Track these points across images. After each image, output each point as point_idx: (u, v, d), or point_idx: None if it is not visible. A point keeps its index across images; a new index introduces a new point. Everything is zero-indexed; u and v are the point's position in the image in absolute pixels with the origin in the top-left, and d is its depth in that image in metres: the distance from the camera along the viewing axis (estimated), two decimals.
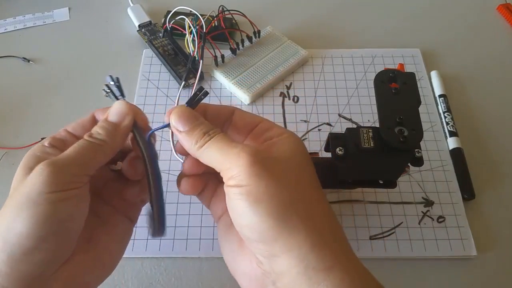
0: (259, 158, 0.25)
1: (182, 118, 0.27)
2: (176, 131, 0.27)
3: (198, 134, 0.26)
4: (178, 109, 0.27)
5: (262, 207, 0.24)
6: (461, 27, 0.59)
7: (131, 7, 0.58)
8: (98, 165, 0.27)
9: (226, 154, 0.25)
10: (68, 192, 0.24)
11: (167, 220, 0.31)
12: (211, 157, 0.26)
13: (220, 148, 0.26)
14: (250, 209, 0.24)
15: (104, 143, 0.27)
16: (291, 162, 0.26)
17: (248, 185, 0.24)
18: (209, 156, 0.26)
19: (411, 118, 0.31)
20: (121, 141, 0.28)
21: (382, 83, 0.33)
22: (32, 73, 0.53)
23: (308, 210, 0.25)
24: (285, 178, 0.25)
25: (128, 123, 0.28)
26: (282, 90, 0.51)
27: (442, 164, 0.45)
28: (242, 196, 0.24)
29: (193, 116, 0.27)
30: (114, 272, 0.39)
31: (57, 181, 0.24)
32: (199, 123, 0.27)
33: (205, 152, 0.26)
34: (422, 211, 0.42)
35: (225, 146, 0.25)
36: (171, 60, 0.52)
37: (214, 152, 0.26)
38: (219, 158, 0.25)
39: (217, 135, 0.26)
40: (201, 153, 0.26)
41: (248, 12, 0.53)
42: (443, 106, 0.49)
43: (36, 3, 0.61)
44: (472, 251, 0.40)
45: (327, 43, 0.56)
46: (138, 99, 0.50)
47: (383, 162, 0.33)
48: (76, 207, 0.25)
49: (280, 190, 0.24)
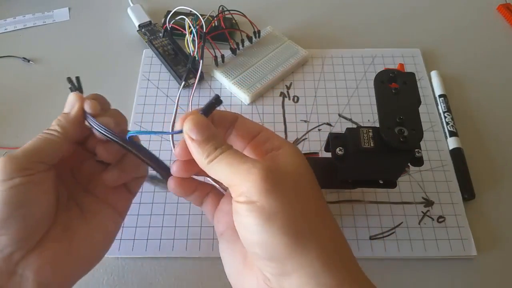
0: (270, 174, 0.24)
1: (197, 127, 0.26)
2: (188, 138, 0.26)
3: (210, 148, 0.26)
4: (194, 117, 0.26)
5: (275, 224, 0.23)
6: (461, 27, 0.59)
7: (131, 7, 0.58)
8: (56, 153, 0.28)
9: (236, 170, 0.25)
10: (21, 179, 0.26)
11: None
12: (220, 172, 0.26)
13: (230, 164, 0.25)
14: (262, 227, 0.23)
15: (57, 132, 0.29)
16: (297, 176, 0.26)
17: (259, 202, 0.24)
18: (218, 171, 0.26)
19: (411, 118, 0.31)
20: (73, 128, 0.29)
21: (382, 83, 0.33)
22: (32, 73, 0.53)
23: (319, 227, 0.25)
24: (296, 194, 0.25)
25: (76, 111, 0.30)
26: (282, 90, 0.51)
27: (442, 164, 0.45)
28: (253, 213, 0.24)
29: (207, 126, 0.26)
30: (115, 272, 0.39)
31: (9, 169, 0.26)
32: (212, 135, 0.26)
33: (214, 166, 0.26)
34: (422, 211, 0.42)
35: (235, 161, 0.25)
36: (171, 60, 0.52)
37: (224, 167, 0.25)
38: (229, 174, 0.25)
39: (228, 150, 0.26)
40: (210, 167, 0.26)
41: (248, 12, 0.53)
42: (443, 106, 0.49)
43: (36, 3, 0.61)
44: (472, 251, 0.40)
45: (327, 43, 0.56)
46: (138, 99, 0.50)
47: (383, 162, 0.33)
48: (31, 192, 0.26)
49: (292, 206, 0.24)
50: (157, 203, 0.42)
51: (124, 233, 0.40)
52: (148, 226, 0.41)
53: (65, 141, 0.29)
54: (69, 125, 0.29)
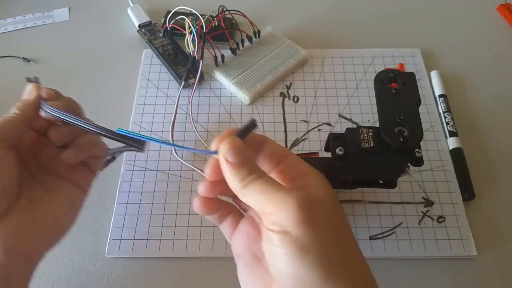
0: (306, 205, 0.24)
1: (234, 149, 0.26)
2: (224, 160, 0.26)
3: (245, 172, 0.26)
4: (231, 140, 0.26)
5: (310, 257, 0.23)
6: (461, 27, 0.59)
7: (131, 7, 0.59)
8: (14, 132, 0.32)
9: (270, 197, 0.25)
10: None
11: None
12: (253, 198, 0.26)
13: (264, 190, 0.25)
14: (296, 258, 0.23)
15: (15, 114, 0.32)
16: (330, 207, 0.26)
17: (294, 232, 0.23)
18: (251, 197, 0.26)
19: (411, 118, 0.31)
20: (30, 110, 0.32)
21: (382, 83, 0.33)
22: (32, 73, 0.53)
23: (350, 262, 0.25)
24: (330, 226, 0.25)
25: (33, 97, 0.33)
26: (282, 90, 0.51)
27: (442, 164, 0.45)
28: (288, 243, 0.23)
29: (244, 150, 0.26)
30: (115, 272, 0.39)
31: None
32: (247, 159, 0.26)
33: (248, 191, 0.26)
34: (422, 211, 0.42)
35: (269, 188, 0.25)
36: (171, 60, 0.52)
37: (257, 193, 0.25)
38: (262, 200, 0.25)
39: (262, 176, 0.26)
40: (244, 191, 0.26)
41: (248, 12, 0.53)
42: (443, 106, 0.49)
43: (36, 3, 0.61)
44: (472, 251, 0.40)
45: (327, 43, 0.56)
46: (138, 99, 0.50)
47: (383, 162, 0.33)
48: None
49: (327, 239, 0.24)
50: (157, 203, 0.42)
51: (124, 233, 0.40)
52: (148, 226, 0.41)
53: (23, 122, 0.32)
54: (26, 108, 0.32)
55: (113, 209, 0.42)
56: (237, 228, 0.30)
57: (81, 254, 0.40)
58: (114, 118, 0.49)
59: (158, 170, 0.44)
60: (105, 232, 0.41)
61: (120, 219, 0.41)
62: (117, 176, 0.44)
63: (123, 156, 0.45)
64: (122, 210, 0.42)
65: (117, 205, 0.42)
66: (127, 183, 0.44)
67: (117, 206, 0.42)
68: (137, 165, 0.45)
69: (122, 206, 0.42)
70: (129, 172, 0.44)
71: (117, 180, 0.44)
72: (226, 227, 0.31)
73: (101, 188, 0.43)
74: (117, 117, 0.49)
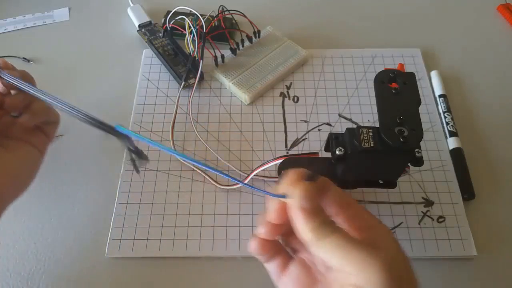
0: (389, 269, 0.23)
1: (309, 197, 0.25)
2: (298, 207, 0.25)
3: (318, 223, 0.25)
4: (307, 186, 0.26)
5: None
6: (461, 27, 0.59)
7: (131, 7, 0.59)
8: None
9: (350, 256, 0.24)
10: None
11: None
12: (330, 252, 0.25)
13: (342, 247, 0.24)
14: None
15: None
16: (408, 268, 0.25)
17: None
18: (327, 251, 0.25)
19: (411, 118, 0.31)
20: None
21: (382, 83, 0.33)
22: (32, 73, 0.53)
23: None
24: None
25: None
26: (282, 90, 0.51)
27: (442, 164, 0.45)
28: None
29: (316, 199, 0.26)
30: (115, 272, 0.39)
31: None
32: (320, 210, 0.26)
33: (324, 245, 0.25)
34: (422, 211, 0.42)
35: (349, 245, 0.24)
36: (171, 60, 0.52)
37: (335, 248, 0.24)
38: (340, 257, 0.24)
39: (339, 230, 0.25)
40: (319, 244, 0.25)
41: (248, 12, 0.53)
42: (443, 106, 0.49)
43: (36, 3, 0.61)
44: (472, 251, 0.40)
45: (327, 43, 0.56)
46: (138, 99, 0.50)
47: (383, 162, 0.33)
48: None
49: None
50: (157, 203, 0.42)
51: (124, 233, 0.40)
52: (148, 226, 0.41)
53: None
54: None
55: (113, 209, 0.42)
56: (288, 270, 0.30)
57: (81, 254, 0.40)
58: (114, 118, 0.49)
59: (158, 170, 0.44)
60: (105, 232, 0.41)
61: (120, 219, 0.41)
62: (117, 176, 0.44)
63: (123, 156, 0.45)
64: (122, 210, 0.42)
65: (117, 205, 0.42)
66: (127, 183, 0.44)
67: (117, 206, 0.42)
68: None
69: (122, 206, 0.42)
70: (129, 172, 0.44)
71: (117, 180, 0.44)
72: (274, 267, 0.30)
73: (101, 188, 0.44)
74: (117, 117, 0.49)
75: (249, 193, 0.43)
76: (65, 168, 0.45)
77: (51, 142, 0.40)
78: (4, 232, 0.41)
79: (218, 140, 0.47)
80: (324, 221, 0.25)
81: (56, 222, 0.42)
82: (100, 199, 0.43)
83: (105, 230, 0.41)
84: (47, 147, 0.40)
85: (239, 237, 0.40)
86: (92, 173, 0.45)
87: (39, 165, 0.39)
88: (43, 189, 0.44)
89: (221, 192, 0.43)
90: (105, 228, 0.41)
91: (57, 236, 0.41)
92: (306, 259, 0.30)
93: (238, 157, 0.45)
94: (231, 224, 0.41)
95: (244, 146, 0.46)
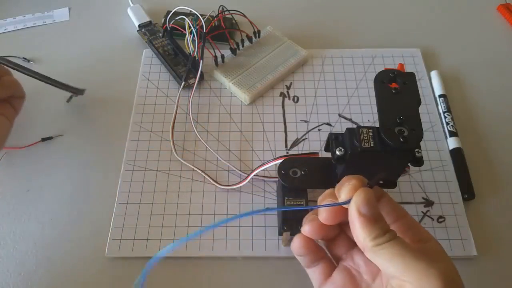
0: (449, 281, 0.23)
1: (369, 203, 0.25)
2: (356, 212, 0.25)
3: (378, 230, 0.25)
4: (368, 192, 0.26)
5: None
6: (461, 27, 0.59)
7: (131, 7, 0.58)
8: None
9: (409, 265, 0.24)
10: None
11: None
12: (387, 260, 0.24)
13: (402, 255, 0.24)
14: None
15: None
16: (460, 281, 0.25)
17: None
18: (385, 258, 0.25)
19: (411, 118, 0.31)
20: None
21: (382, 83, 0.33)
22: None
23: None
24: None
25: None
26: (282, 90, 0.51)
27: (442, 164, 0.45)
28: None
29: (376, 206, 0.26)
30: (114, 272, 0.39)
31: None
32: (380, 215, 0.26)
33: (382, 252, 0.25)
34: (422, 211, 0.42)
35: (408, 254, 0.24)
36: (171, 60, 0.52)
37: (394, 257, 0.24)
38: (399, 266, 0.24)
39: (397, 238, 0.25)
40: (376, 250, 0.25)
41: (248, 12, 0.53)
42: (443, 106, 0.49)
43: (36, 3, 0.61)
44: (472, 251, 0.40)
45: (327, 43, 0.56)
46: (138, 99, 0.50)
47: (383, 162, 0.33)
48: None
49: None
50: (157, 203, 0.42)
51: (124, 233, 0.40)
52: (148, 226, 0.41)
53: None
54: None
55: (113, 209, 0.42)
56: (331, 278, 0.30)
57: (81, 254, 0.40)
58: (114, 118, 0.49)
59: (158, 170, 0.44)
60: (105, 232, 0.41)
61: (120, 219, 0.41)
62: (117, 176, 0.44)
63: (123, 156, 0.45)
64: (122, 210, 0.42)
65: (117, 205, 0.42)
66: (127, 183, 0.44)
67: (117, 206, 0.42)
68: (137, 165, 0.45)
69: (122, 206, 0.42)
70: (129, 172, 0.44)
71: (117, 180, 0.44)
72: (316, 273, 0.30)
73: (101, 188, 0.44)
74: (117, 117, 0.49)
75: (249, 193, 0.43)
76: (65, 168, 0.45)
77: (17, 115, 0.43)
78: (4, 232, 0.41)
79: (218, 140, 0.47)
80: (383, 227, 0.25)
81: (56, 222, 0.42)
82: (100, 200, 0.43)
83: (105, 230, 0.41)
84: (15, 118, 0.43)
85: (239, 237, 0.40)
86: (92, 173, 0.45)
87: (8, 134, 0.41)
88: (43, 189, 0.44)
89: (221, 192, 0.43)
90: (105, 228, 0.41)
91: (57, 236, 0.41)
92: (351, 268, 0.30)
93: (238, 157, 0.45)
94: (231, 224, 0.41)
95: (244, 146, 0.46)
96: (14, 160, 0.45)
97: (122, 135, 0.47)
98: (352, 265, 0.30)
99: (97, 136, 0.48)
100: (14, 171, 0.45)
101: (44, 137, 0.47)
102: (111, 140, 0.47)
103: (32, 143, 0.46)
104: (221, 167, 0.45)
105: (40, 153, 0.46)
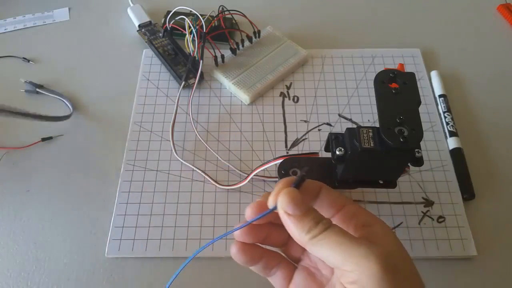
0: (389, 263, 0.23)
1: (294, 201, 0.24)
2: (284, 214, 0.25)
3: (310, 222, 0.24)
4: (289, 192, 0.25)
5: None
6: (461, 27, 0.59)
7: (131, 7, 0.59)
8: None
9: (347, 252, 0.23)
10: None
11: None
12: (326, 251, 0.24)
13: (339, 244, 0.23)
14: None
15: None
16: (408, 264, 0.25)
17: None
18: (323, 250, 0.24)
19: (411, 118, 0.31)
20: None
21: (382, 83, 0.33)
22: (32, 73, 0.53)
23: None
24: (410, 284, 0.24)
25: None
26: (282, 90, 0.51)
27: (442, 164, 0.45)
28: None
29: (303, 201, 0.25)
30: (115, 272, 0.39)
31: None
32: (310, 209, 0.25)
33: (319, 243, 0.24)
34: (422, 211, 0.42)
35: (346, 241, 0.23)
36: (171, 60, 0.52)
37: (331, 246, 0.24)
38: (338, 255, 0.23)
39: (332, 226, 0.24)
40: (314, 243, 0.24)
41: (248, 12, 0.53)
42: (443, 106, 0.49)
43: (36, 3, 0.61)
44: (472, 251, 0.40)
45: (327, 43, 0.56)
46: (138, 99, 0.50)
47: (383, 162, 0.33)
48: None
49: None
50: (157, 203, 0.42)
51: (124, 233, 0.40)
52: (148, 226, 0.41)
53: None
54: None
55: (113, 209, 0.42)
56: (293, 281, 0.29)
57: (81, 254, 0.40)
58: (114, 118, 0.49)
59: (158, 170, 0.44)
60: (105, 232, 0.41)
61: (120, 219, 0.41)
62: (117, 176, 0.44)
63: (123, 157, 0.45)
64: (122, 210, 0.42)
65: (117, 205, 0.42)
66: (127, 183, 0.44)
67: (117, 206, 0.42)
68: (137, 165, 0.45)
69: (122, 206, 0.42)
70: (129, 172, 0.44)
71: (117, 180, 0.44)
72: (278, 279, 0.30)
73: (101, 188, 0.44)
74: (117, 117, 0.49)
75: (249, 193, 0.43)
76: (65, 168, 0.45)
77: None
78: (4, 232, 0.41)
79: (218, 140, 0.47)
80: (315, 218, 0.25)
81: (56, 222, 0.42)
82: (100, 199, 0.43)
83: (105, 230, 0.41)
84: None
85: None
86: (92, 173, 0.45)
87: None
88: (43, 189, 0.44)
89: (221, 192, 0.43)
90: (105, 228, 0.41)
91: (57, 236, 0.41)
92: (309, 267, 0.30)
93: (238, 157, 0.45)
94: (231, 224, 0.41)
95: (244, 146, 0.46)
96: (14, 160, 0.45)
97: (122, 135, 0.47)
98: (310, 263, 0.30)
99: (97, 136, 0.48)
100: (14, 171, 0.45)
101: (44, 137, 0.47)
102: (111, 140, 0.47)
103: (32, 143, 0.46)
104: (221, 167, 0.45)
105: (40, 153, 0.46)
